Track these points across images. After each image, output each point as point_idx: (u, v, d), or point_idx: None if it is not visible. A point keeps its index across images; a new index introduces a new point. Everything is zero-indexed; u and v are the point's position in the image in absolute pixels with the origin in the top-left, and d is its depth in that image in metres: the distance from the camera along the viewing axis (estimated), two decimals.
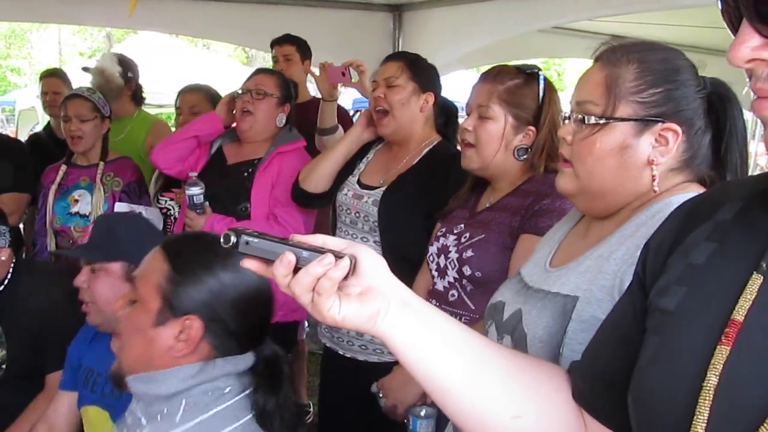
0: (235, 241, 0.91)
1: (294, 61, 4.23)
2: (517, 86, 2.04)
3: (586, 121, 1.30)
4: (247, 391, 1.51)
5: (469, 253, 2.02)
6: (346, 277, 0.91)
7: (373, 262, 0.95)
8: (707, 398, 0.72)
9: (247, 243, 0.91)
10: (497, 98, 2.02)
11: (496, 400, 0.99)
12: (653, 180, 1.29)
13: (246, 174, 3.06)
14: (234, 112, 3.18)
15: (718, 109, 1.33)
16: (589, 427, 0.99)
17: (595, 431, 0.98)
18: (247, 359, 1.54)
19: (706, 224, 0.85)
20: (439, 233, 2.19)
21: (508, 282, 1.57)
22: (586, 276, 1.29)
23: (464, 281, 2.05)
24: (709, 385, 0.72)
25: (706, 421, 0.72)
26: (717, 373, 0.72)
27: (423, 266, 2.35)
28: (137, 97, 4.44)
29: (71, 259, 2.34)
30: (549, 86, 2.07)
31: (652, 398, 0.80)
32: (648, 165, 1.29)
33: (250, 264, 0.94)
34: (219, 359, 1.50)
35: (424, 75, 2.60)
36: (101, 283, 2.12)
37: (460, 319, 2.03)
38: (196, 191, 2.96)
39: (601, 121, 1.29)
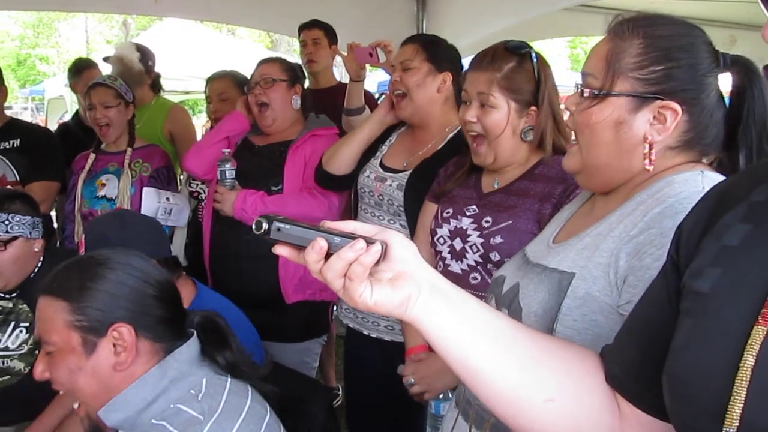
0: (266, 227, 0.92)
1: (322, 45, 4.24)
2: (513, 70, 2.03)
3: (584, 94, 1.30)
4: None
5: (498, 239, 2.01)
6: (377, 263, 0.92)
7: (404, 248, 0.95)
8: (744, 379, 0.72)
9: (278, 229, 0.92)
10: (497, 86, 2.02)
11: (529, 384, 0.99)
12: (645, 158, 1.27)
13: (278, 153, 3.06)
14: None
15: (738, 88, 1.29)
16: (623, 409, 0.99)
17: (629, 414, 0.98)
18: (193, 343, 1.58)
19: (741, 205, 0.84)
20: (446, 214, 2.18)
21: (512, 258, 1.58)
22: (584, 253, 1.29)
23: (489, 266, 2.04)
24: (746, 365, 0.72)
25: (743, 401, 0.71)
26: (754, 354, 0.72)
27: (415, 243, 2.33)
28: (156, 85, 4.48)
29: None
30: (542, 63, 2.06)
31: (687, 380, 0.80)
32: (644, 142, 1.27)
33: (282, 251, 0.94)
34: (170, 357, 1.54)
35: (439, 55, 2.58)
36: None
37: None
38: (228, 167, 2.98)
39: (598, 94, 1.28)
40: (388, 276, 0.93)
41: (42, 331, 1.54)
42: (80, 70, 4.83)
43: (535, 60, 2.04)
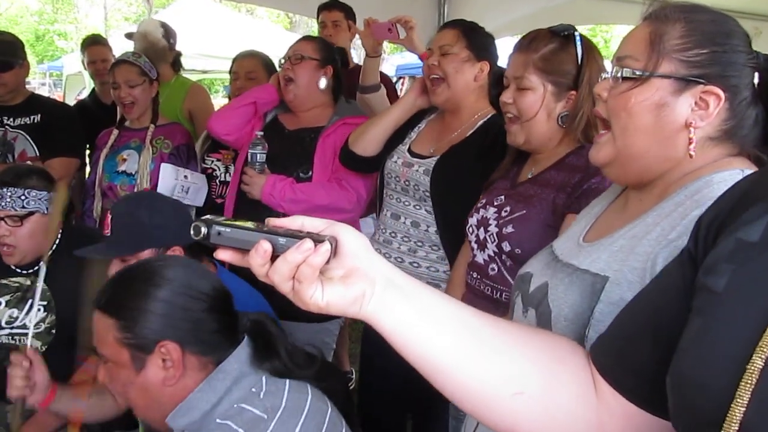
0: (205, 232, 0.88)
1: (342, 27, 4.21)
2: (553, 52, 1.98)
3: (624, 76, 1.25)
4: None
5: (509, 228, 1.98)
6: (327, 261, 0.87)
7: (354, 242, 0.91)
8: (749, 382, 0.68)
9: (219, 233, 0.88)
10: (533, 67, 1.98)
11: (494, 378, 0.95)
12: (690, 143, 1.23)
13: (308, 140, 3.06)
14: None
15: None
16: (607, 399, 0.95)
17: (613, 404, 0.94)
18: (247, 346, 1.61)
19: (764, 202, 0.80)
20: (479, 204, 2.16)
21: (539, 254, 1.52)
22: (619, 256, 1.24)
23: (504, 256, 2.02)
24: (753, 367, 0.68)
25: (745, 405, 0.68)
26: (763, 357, 0.68)
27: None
28: (176, 64, 4.49)
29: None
30: (588, 47, 2.00)
31: (691, 380, 0.76)
32: (685, 128, 1.23)
33: (224, 255, 0.90)
34: (228, 359, 1.56)
35: (479, 43, 2.56)
36: None
37: (500, 295, 2.02)
38: (259, 150, 2.98)
39: (640, 75, 1.23)
40: (340, 273, 0.89)
41: (96, 343, 1.60)
42: (86, 46, 4.88)
43: (579, 42, 1.98)
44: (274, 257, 0.87)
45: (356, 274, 0.90)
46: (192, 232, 0.88)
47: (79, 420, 2.14)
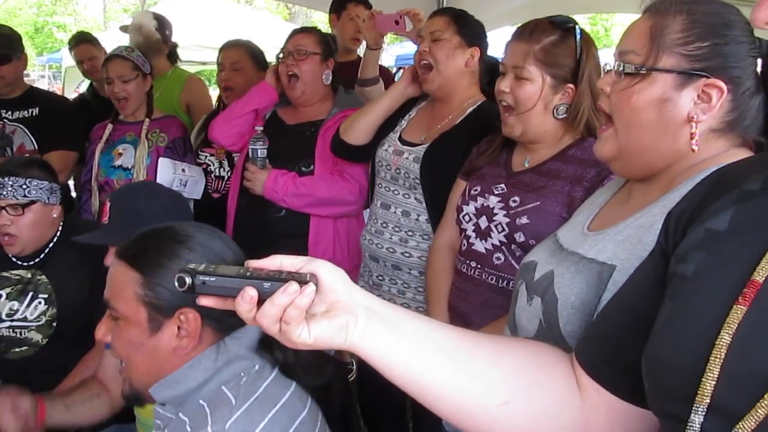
0: (190, 282, 0.89)
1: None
2: (553, 44, 1.99)
3: (626, 71, 1.25)
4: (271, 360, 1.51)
5: (524, 220, 1.98)
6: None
7: (333, 277, 0.95)
8: (718, 357, 0.71)
9: (204, 283, 0.90)
10: (533, 58, 1.98)
11: (480, 391, 0.98)
12: (691, 138, 1.23)
13: (309, 133, 3.06)
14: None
15: None
16: (592, 397, 0.97)
17: (598, 402, 0.97)
18: (253, 330, 1.52)
19: (732, 193, 0.82)
20: (473, 191, 2.16)
21: (542, 243, 1.53)
22: (625, 245, 1.25)
23: (513, 246, 2.02)
24: (721, 343, 0.71)
25: (715, 379, 0.71)
26: (730, 333, 0.71)
27: (444, 222, 2.34)
28: (172, 56, 4.47)
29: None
30: (586, 40, 2.01)
31: (664, 360, 0.79)
32: (688, 122, 1.23)
33: (206, 302, 0.93)
34: (228, 338, 1.49)
35: (470, 29, 2.57)
36: None
37: (507, 284, 2.02)
38: (260, 145, 2.98)
39: (642, 71, 1.23)
40: (322, 309, 0.93)
41: (111, 296, 1.51)
42: (72, 46, 4.91)
43: (579, 36, 1.99)
44: (259, 301, 0.90)
45: (338, 308, 0.94)
46: (176, 283, 0.89)
47: None
